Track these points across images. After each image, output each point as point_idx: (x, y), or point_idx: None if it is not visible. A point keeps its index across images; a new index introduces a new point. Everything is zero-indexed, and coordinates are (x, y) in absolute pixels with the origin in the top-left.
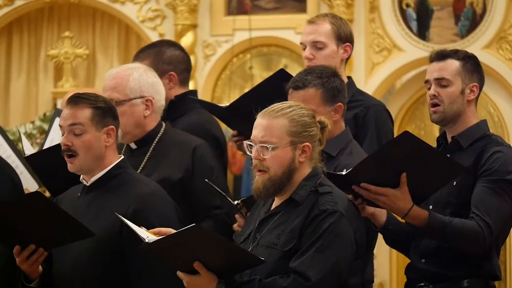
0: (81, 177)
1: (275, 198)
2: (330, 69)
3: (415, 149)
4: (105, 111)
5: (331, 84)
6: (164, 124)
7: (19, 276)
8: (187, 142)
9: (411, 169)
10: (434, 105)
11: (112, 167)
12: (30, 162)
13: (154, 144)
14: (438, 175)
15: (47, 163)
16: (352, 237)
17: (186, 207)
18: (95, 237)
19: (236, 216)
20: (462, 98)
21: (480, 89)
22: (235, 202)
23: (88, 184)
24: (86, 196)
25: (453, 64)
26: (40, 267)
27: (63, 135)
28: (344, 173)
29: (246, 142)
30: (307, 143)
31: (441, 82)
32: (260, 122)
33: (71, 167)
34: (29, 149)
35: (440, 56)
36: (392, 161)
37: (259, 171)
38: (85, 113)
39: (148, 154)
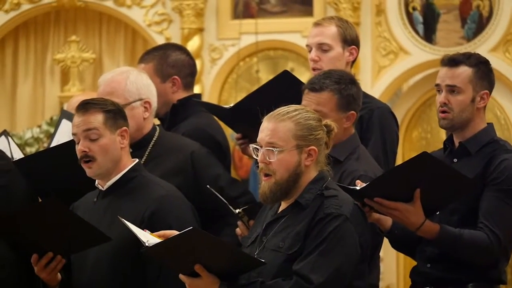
0: (96, 182)
1: (282, 201)
2: (349, 75)
3: (431, 169)
4: (116, 113)
5: (347, 91)
6: (158, 128)
7: (39, 285)
8: (183, 147)
9: (425, 185)
10: (444, 111)
11: (128, 170)
12: (18, 166)
13: (150, 148)
14: (450, 191)
15: (36, 168)
16: (356, 241)
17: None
18: (114, 242)
19: (239, 223)
20: (472, 106)
21: (490, 94)
22: (236, 211)
23: (104, 189)
24: (103, 200)
25: (466, 72)
26: (59, 275)
27: (78, 143)
28: (358, 188)
29: (252, 146)
30: (313, 147)
31: (452, 89)
32: (266, 125)
33: (89, 172)
34: (17, 153)
35: (453, 62)
36: (407, 179)
37: (265, 175)
38: (98, 118)
39: (144, 158)
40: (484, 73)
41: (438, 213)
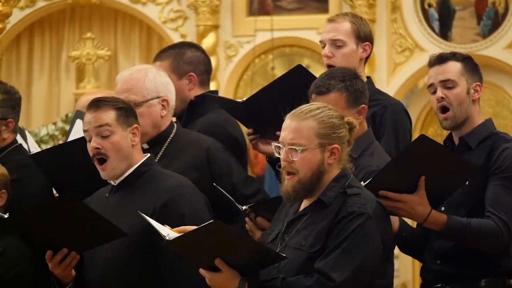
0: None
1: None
2: (351, 70)
3: (431, 152)
4: (127, 111)
5: (354, 86)
6: (175, 125)
7: (52, 281)
8: (199, 143)
9: (427, 172)
10: (443, 109)
11: (139, 165)
12: (35, 160)
13: (166, 144)
14: (453, 177)
15: (53, 162)
16: (379, 240)
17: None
18: (126, 236)
19: (246, 219)
20: (468, 99)
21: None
22: (243, 208)
23: (116, 184)
24: (115, 196)
25: (456, 65)
26: (73, 271)
27: (89, 141)
28: (362, 184)
29: (274, 144)
30: (336, 145)
31: (447, 84)
32: (289, 124)
33: (104, 174)
34: (34, 147)
35: (440, 59)
36: (409, 166)
37: (288, 173)
38: (109, 115)
39: (160, 153)
40: (472, 66)
41: (443, 209)
